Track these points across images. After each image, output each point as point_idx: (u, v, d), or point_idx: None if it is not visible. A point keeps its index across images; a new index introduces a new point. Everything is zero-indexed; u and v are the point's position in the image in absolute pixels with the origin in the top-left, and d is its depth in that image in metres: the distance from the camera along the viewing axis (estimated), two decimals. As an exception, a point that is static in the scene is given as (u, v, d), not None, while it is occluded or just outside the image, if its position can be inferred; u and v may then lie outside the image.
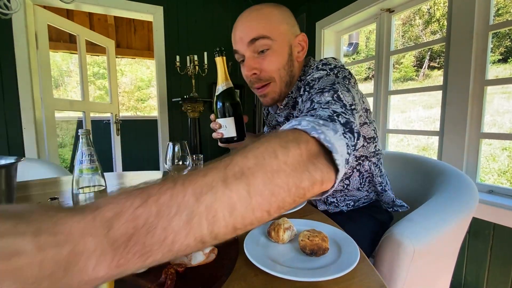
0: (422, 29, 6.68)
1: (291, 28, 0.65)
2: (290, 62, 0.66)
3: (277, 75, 0.65)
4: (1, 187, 0.46)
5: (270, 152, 0.28)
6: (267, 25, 0.62)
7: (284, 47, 0.64)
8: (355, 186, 0.80)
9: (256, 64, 0.64)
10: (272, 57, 0.63)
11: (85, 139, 0.65)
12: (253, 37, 0.62)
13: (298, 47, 0.67)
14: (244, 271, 0.45)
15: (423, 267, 0.68)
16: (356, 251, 0.47)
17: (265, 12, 0.63)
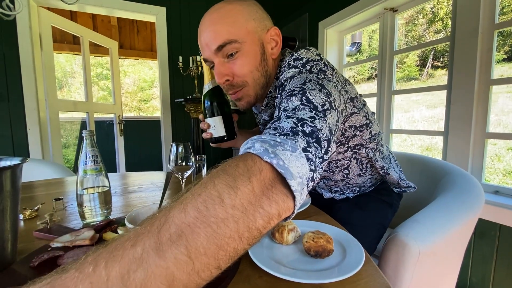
0: (425, 28, 6.63)
1: (259, 23, 0.59)
2: (263, 62, 0.60)
3: (250, 77, 0.60)
4: (6, 188, 0.46)
5: (214, 197, 0.24)
6: (232, 27, 0.56)
7: (254, 47, 0.58)
8: (355, 173, 0.77)
9: (227, 70, 0.59)
10: (243, 60, 0.58)
11: (89, 140, 0.66)
12: (219, 44, 0.56)
13: (271, 42, 0.61)
14: (248, 272, 0.45)
15: (429, 269, 0.67)
16: (361, 253, 0.47)
17: (228, 11, 0.57)
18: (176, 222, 0.22)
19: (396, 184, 0.81)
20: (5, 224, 0.46)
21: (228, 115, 0.70)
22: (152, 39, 3.90)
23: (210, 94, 0.69)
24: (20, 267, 0.45)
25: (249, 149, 0.31)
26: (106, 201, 0.68)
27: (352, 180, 0.79)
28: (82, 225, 0.66)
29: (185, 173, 0.78)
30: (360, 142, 0.71)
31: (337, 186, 0.83)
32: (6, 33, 1.83)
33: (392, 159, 0.82)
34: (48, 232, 0.59)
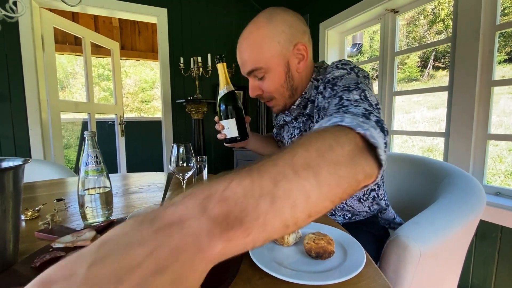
0: (426, 29, 6.62)
1: (284, 43, 0.65)
2: (288, 78, 0.68)
3: (276, 93, 0.70)
4: (8, 188, 0.46)
5: (327, 146, 0.28)
6: (257, 56, 0.65)
7: (279, 68, 0.66)
8: (356, 197, 0.78)
9: (257, 87, 0.70)
10: (269, 81, 0.67)
11: (91, 141, 0.66)
12: (248, 71, 0.68)
13: (297, 57, 0.67)
14: (249, 273, 0.45)
15: (430, 271, 0.67)
16: (362, 255, 0.47)
17: (254, 39, 0.65)
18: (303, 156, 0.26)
19: (391, 220, 0.82)
20: (7, 225, 0.46)
21: (241, 118, 0.76)
22: (153, 40, 3.91)
23: (225, 98, 0.76)
24: (21, 267, 0.45)
25: (340, 122, 0.35)
26: (107, 202, 0.68)
27: (350, 201, 0.79)
28: (83, 225, 0.66)
29: (186, 174, 0.78)
30: None
31: None
32: (9, 34, 1.84)
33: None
34: (50, 233, 0.59)
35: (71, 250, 0.50)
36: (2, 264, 0.46)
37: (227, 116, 0.76)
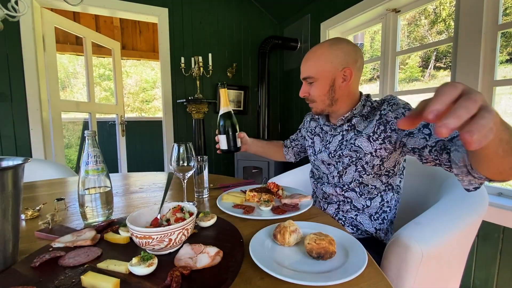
0: (427, 29, 6.59)
1: (336, 64, 0.82)
2: (331, 91, 0.85)
3: (319, 99, 0.87)
4: (8, 188, 0.46)
5: None
6: (313, 68, 0.84)
7: (325, 81, 0.84)
8: (368, 212, 0.87)
9: (306, 90, 0.89)
10: (316, 88, 0.86)
11: (91, 140, 0.66)
12: (304, 77, 0.88)
13: (342, 77, 0.83)
14: (250, 274, 0.44)
15: (431, 272, 0.66)
16: (364, 255, 0.47)
17: (315, 55, 0.84)
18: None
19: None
20: (7, 225, 0.46)
21: (232, 134, 0.94)
22: (154, 40, 3.91)
23: (222, 116, 0.94)
24: (21, 267, 0.45)
25: None
26: (108, 202, 0.68)
27: (359, 218, 0.87)
28: (83, 225, 0.66)
29: (186, 174, 0.78)
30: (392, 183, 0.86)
31: (345, 212, 0.90)
32: (10, 33, 1.84)
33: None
34: (50, 233, 0.59)
35: (71, 249, 0.50)
36: (2, 264, 0.46)
37: (220, 132, 0.94)
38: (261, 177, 2.53)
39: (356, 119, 0.86)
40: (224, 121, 0.94)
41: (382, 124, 0.78)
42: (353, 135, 0.85)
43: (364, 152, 0.81)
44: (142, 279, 0.41)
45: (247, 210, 0.70)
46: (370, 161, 0.81)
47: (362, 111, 0.86)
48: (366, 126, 0.83)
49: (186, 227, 0.48)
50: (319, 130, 1.00)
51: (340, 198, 0.90)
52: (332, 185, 0.91)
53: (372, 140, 0.80)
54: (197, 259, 0.45)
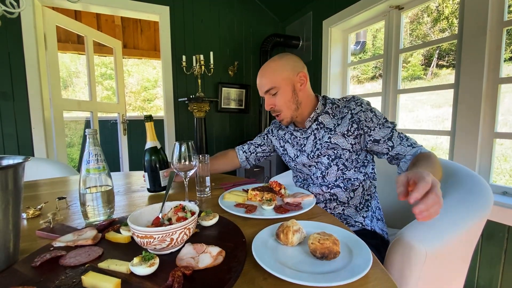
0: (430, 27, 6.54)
1: (291, 71, 0.90)
2: (294, 95, 0.91)
3: (285, 106, 0.92)
4: (8, 187, 0.45)
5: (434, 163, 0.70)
6: (272, 78, 0.89)
7: (287, 88, 0.90)
8: (353, 204, 0.91)
9: (270, 102, 0.93)
10: (280, 97, 0.91)
11: (92, 139, 0.65)
12: (266, 90, 0.91)
13: (299, 82, 0.91)
14: (253, 274, 0.44)
15: (435, 271, 0.65)
16: (369, 255, 0.46)
17: (271, 67, 0.91)
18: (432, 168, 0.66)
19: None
20: (7, 224, 0.46)
21: (154, 172, 0.88)
22: (156, 39, 3.91)
23: (145, 151, 0.89)
24: (22, 266, 0.44)
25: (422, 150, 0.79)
26: (109, 201, 0.68)
27: (346, 212, 0.92)
28: (85, 224, 0.65)
29: (188, 172, 0.77)
30: (368, 171, 0.92)
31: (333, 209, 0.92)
32: (11, 32, 1.84)
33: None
34: (51, 232, 0.59)
35: (72, 249, 0.49)
36: (3, 263, 0.46)
37: (144, 169, 0.89)
38: (262, 176, 2.53)
39: (321, 117, 0.93)
40: (147, 157, 0.88)
41: (355, 123, 0.86)
42: (324, 133, 0.91)
43: (341, 148, 0.88)
44: (144, 279, 0.40)
45: (249, 209, 0.69)
46: (349, 157, 0.89)
47: (324, 109, 0.93)
48: (337, 124, 0.89)
49: (187, 227, 0.48)
50: (288, 136, 1.04)
51: (326, 197, 0.92)
52: (317, 185, 0.94)
53: (347, 136, 0.87)
54: (199, 259, 0.44)
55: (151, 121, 0.88)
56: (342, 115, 0.90)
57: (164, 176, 0.90)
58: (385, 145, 0.83)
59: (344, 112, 0.89)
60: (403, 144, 0.82)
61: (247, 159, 1.16)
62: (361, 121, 0.85)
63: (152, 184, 0.89)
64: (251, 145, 1.16)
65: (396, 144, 0.82)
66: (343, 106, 0.91)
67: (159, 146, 0.91)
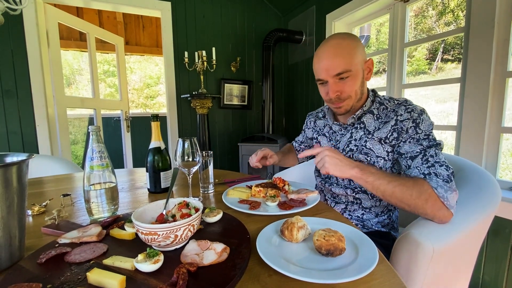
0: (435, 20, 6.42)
1: (362, 56, 0.80)
2: (362, 83, 0.82)
3: (353, 93, 0.81)
4: (13, 184, 0.45)
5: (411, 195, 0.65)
6: (348, 60, 0.77)
7: (358, 73, 0.79)
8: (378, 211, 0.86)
9: (338, 88, 0.80)
10: (351, 82, 0.79)
11: (95, 135, 0.65)
12: (339, 72, 0.78)
13: (367, 70, 0.82)
14: (257, 271, 0.44)
15: (442, 268, 0.65)
16: (375, 252, 0.45)
17: (346, 47, 0.78)
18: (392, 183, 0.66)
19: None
20: (12, 220, 0.46)
21: (155, 174, 0.87)
22: (158, 35, 3.89)
23: (150, 151, 0.88)
24: (27, 263, 0.44)
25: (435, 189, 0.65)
26: (113, 197, 0.68)
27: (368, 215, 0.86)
28: (89, 221, 0.65)
29: (191, 169, 0.77)
30: None
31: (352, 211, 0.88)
32: (14, 29, 1.85)
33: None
34: (56, 228, 0.59)
35: (77, 245, 0.49)
36: (9, 259, 0.46)
37: (147, 168, 0.87)
38: (266, 172, 2.52)
39: (365, 116, 0.84)
40: (150, 157, 0.87)
41: (397, 131, 0.76)
42: (362, 135, 0.83)
43: (376, 155, 0.80)
44: (148, 275, 0.40)
45: (253, 205, 0.69)
46: (383, 165, 0.80)
47: (371, 108, 0.84)
48: (377, 128, 0.80)
49: (192, 223, 0.47)
50: (327, 129, 0.98)
51: (349, 199, 0.87)
52: (342, 186, 0.89)
53: (384, 143, 0.79)
54: (204, 256, 0.44)
55: (157, 120, 0.87)
56: (386, 119, 0.80)
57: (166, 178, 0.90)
58: (405, 161, 0.73)
59: (390, 116, 0.79)
60: (420, 169, 0.68)
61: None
62: (403, 131, 0.75)
63: (153, 185, 0.88)
64: (296, 142, 1.19)
65: (414, 166, 0.70)
66: (391, 109, 0.80)
67: (163, 146, 0.89)
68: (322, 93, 0.86)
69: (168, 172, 0.89)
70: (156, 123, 0.87)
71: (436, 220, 0.64)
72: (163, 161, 0.88)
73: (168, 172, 0.89)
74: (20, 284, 0.37)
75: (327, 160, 0.67)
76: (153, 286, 0.38)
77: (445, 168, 0.66)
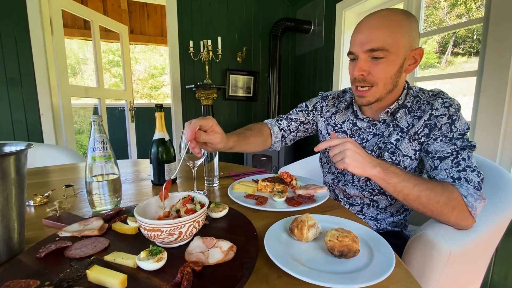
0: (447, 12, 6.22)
1: (411, 41, 0.66)
2: (398, 73, 0.68)
3: (381, 82, 0.68)
4: (10, 175, 0.43)
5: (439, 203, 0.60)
6: (390, 37, 0.64)
7: (398, 59, 0.66)
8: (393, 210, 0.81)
9: (366, 67, 0.68)
10: (384, 66, 0.66)
11: (97, 125, 0.63)
12: (373, 48, 0.65)
13: (411, 60, 0.68)
14: (266, 271, 0.41)
15: (458, 270, 0.62)
16: (391, 254, 0.42)
17: (391, 21, 0.65)
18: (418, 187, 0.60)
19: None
20: (11, 213, 0.44)
21: (159, 165, 0.85)
22: (163, 24, 3.83)
23: (153, 143, 0.85)
24: (26, 257, 0.43)
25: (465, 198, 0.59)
26: (116, 189, 0.66)
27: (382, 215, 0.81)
28: (91, 213, 0.64)
29: (196, 162, 0.74)
30: None
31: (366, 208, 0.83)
32: (17, 16, 1.81)
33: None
34: (57, 220, 0.57)
35: (77, 239, 0.48)
36: (8, 253, 0.44)
37: (151, 160, 0.85)
38: (270, 165, 2.50)
39: (400, 111, 0.73)
40: (153, 148, 0.84)
41: (428, 127, 0.67)
42: (393, 132, 0.73)
43: (402, 154, 0.71)
44: (151, 274, 0.38)
45: (260, 201, 0.66)
46: (409, 165, 0.72)
47: (405, 101, 0.73)
48: (411, 125, 0.70)
49: (197, 220, 0.45)
50: (348, 125, 0.83)
51: (365, 201, 0.81)
52: (358, 187, 0.80)
53: (412, 141, 0.70)
54: (209, 254, 0.42)
55: (161, 111, 0.84)
56: (420, 113, 0.70)
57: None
58: (431, 161, 0.66)
59: (424, 110, 0.69)
60: (449, 173, 0.62)
61: (283, 139, 0.95)
62: (436, 127, 0.66)
63: (157, 177, 0.86)
64: (291, 121, 0.94)
65: (442, 168, 0.63)
66: (426, 101, 0.70)
67: (167, 138, 0.87)
68: (349, 71, 0.74)
69: (172, 164, 0.87)
70: (160, 113, 0.84)
71: (456, 227, 0.60)
72: (167, 153, 0.86)
73: (172, 164, 0.87)
74: (17, 281, 0.35)
75: (348, 154, 0.58)
76: (156, 286, 0.36)
77: (476, 174, 0.60)
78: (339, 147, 0.60)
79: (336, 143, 0.61)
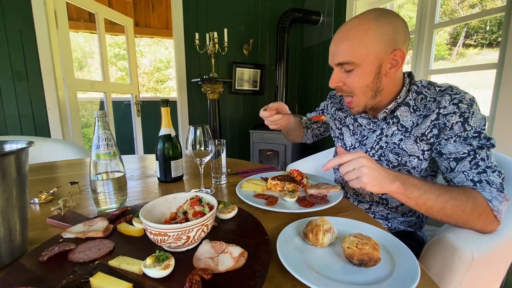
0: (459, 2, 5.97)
1: (385, 45, 0.64)
2: (376, 80, 0.67)
3: (359, 91, 0.69)
4: (10, 175, 0.41)
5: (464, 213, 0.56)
6: (355, 50, 0.64)
7: (370, 68, 0.65)
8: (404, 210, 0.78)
9: (339, 79, 0.69)
10: (356, 77, 0.66)
11: (101, 121, 0.60)
12: (339, 62, 0.67)
13: (391, 62, 0.66)
14: (279, 280, 0.39)
15: (479, 276, 0.58)
16: (414, 263, 0.39)
17: (359, 32, 0.63)
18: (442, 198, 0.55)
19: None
20: (12, 214, 0.42)
21: (165, 162, 0.83)
22: (168, 16, 3.77)
23: (159, 139, 0.83)
24: (29, 260, 0.41)
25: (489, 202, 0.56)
26: (121, 188, 0.64)
27: (393, 214, 0.79)
28: (97, 212, 0.62)
29: (204, 159, 0.72)
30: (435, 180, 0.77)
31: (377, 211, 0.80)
32: (21, 9, 1.79)
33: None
34: (62, 220, 0.55)
35: (81, 241, 0.46)
36: (10, 254, 0.43)
37: (157, 156, 0.83)
38: (277, 160, 2.47)
39: (400, 109, 0.70)
40: (159, 144, 0.82)
41: (437, 128, 0.63)
42: (395, 131, 0.70)
43: (408, 154, 0.69)
44: (157, 282, 0.36)
45: (270, 200, 0.63)
46: (417, 165, 0.69)
47: (406, 98, 0.70)
48: (416, 124, 0.67)
49: (205, 223, 0.42)
50: (350, 121, 0.85)
51: (374, 199, 0.79)
52: None
53: (420, 141, 0.67)
54: (219, 261, 0.39)
55: (167, 106, 0.81)
56: (426, 112, 0.66)
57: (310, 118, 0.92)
58: (446, 163, 0.62)
59: (430, 108, 0.65)
60: (469, 175, 0.59)
61: (307, 134, 1.07)
62: (446, 127, 0.62)
63: (163, 174, 0.83)
64: (310, 119, 1.03)
65: (460, 170, 0.60)
66: (432, 98, 0.66)
67: (174, 133, 0.84)
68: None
69: (179, 161, 0.85)
70: (166, 108, 0.81)
71: (481, 232, 0.57)
72: (173, 149, 0.83)
73: (179, 161, 0.85)
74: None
75: (365, 172, 0.51)
76: (163, 295, 0.34)
77: (497, 174, 0.57)
78: (352, 164, 0.53)
79: (347, 159, 0.54)
